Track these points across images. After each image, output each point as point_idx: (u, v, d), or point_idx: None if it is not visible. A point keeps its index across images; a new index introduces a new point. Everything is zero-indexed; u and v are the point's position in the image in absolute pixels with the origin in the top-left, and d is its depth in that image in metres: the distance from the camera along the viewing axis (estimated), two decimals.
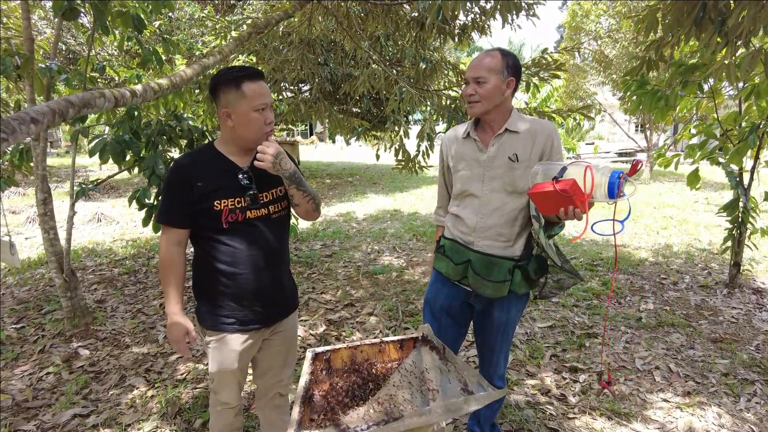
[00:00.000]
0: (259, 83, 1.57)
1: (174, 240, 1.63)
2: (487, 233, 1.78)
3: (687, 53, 4.19)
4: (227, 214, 1.59)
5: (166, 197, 1.63)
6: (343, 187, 11.90)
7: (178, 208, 1.61)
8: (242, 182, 1.61)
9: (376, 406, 1.44)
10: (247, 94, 1.54)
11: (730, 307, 3.92)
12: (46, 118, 1.32)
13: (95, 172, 13.14)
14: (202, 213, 1.60)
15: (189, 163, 1.64)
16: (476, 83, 1.70)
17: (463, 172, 1.82)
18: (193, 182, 1.58)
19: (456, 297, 1.92)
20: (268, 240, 1.69)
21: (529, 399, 2.66)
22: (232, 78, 1.54)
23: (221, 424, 1.87)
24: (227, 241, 1.62)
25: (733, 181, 3.98)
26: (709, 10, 2.40)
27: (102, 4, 2.46)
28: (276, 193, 1.72)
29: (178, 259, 1.65)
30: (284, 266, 1.81)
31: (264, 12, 7.01)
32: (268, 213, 1.69)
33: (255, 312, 1.69)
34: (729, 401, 2.63)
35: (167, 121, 3.47)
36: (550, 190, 1.43)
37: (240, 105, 1.55)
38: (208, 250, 1.66)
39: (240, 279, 1.65)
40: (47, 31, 7.74)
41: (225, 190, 1.59)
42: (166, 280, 1.64)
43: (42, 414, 2.54)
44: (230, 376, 1.74)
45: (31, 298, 4.15)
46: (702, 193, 10.20)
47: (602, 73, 13.70)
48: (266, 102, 1.57)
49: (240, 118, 1.56)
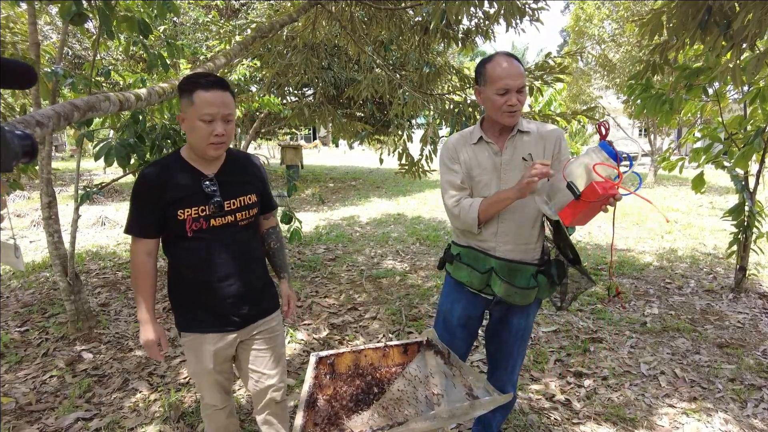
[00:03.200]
0: (214, 93, 1.53)
1: (144, 250, 1.65)
2: (509, 237, 1.75)
3: (692, 57, 4.19)
4: (191, 223, 1.60)
5: (134, 209, 1.65)
6: (347, 191, 11.91)
7: (147, 218, 1.62)
8: (206, 190, 1.61)
9: (380, 411, 1.43)
10: (195, 102, 1.52)
11: (736, 312, 3.89)
12: (52, 122, 1.32)
13: (99, 176, 13.19)
14: (167, 221, 1.61)
15: (155, 173, 1.62)
16: (519, 92, 1.65)
17: (479, 178, 1.77)
18: (160, 192, 1.58)
19: (476, 307, 1.88)
20: (234, 246, 1.70)
21: (534, 404, 2.65)
22: (188, 84, 1.55)
23: (214, 427, 1.89)
24: (193, 248, 1.64)
25: (739, 185, 3.96)
26: (714, 13, 2.39)
27: (108, 9, 2.48)
28: (244, 201, 1.71)
29: (149, 269, 1.67)
30: (255, 270, 1.80)
31: (268, 16, 7.04)
32: (235, 220, 1.69)
33: (226, 315, 1.71)
34: (736, 407, 2.61)
35: (172, 124, 3.48)
36: (586, 207, 1.42)
37: (188, 112, 1.54)
38: (177, 257, 1.69)
39: (207, 285, 1.67)
40: (53, 36, 7.79)
41: (189, 198, 1.60)
42: (138, 288, 1.67)
43: (45, 417, 2.54)
44: (207, 376, 1.76)
45: (35, 301, 4.16)
46: (707, 197, 10.16)
47: (606, 77, 13.69)
48: (213, 113, 1.53)
49: (188, 124, 1.57)
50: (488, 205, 1.68)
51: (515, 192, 1.58)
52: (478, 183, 1.77)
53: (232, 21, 8.49)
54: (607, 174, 1.41)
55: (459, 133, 1.88)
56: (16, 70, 0.72)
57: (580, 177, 1.44)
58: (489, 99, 1.69)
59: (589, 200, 1.39)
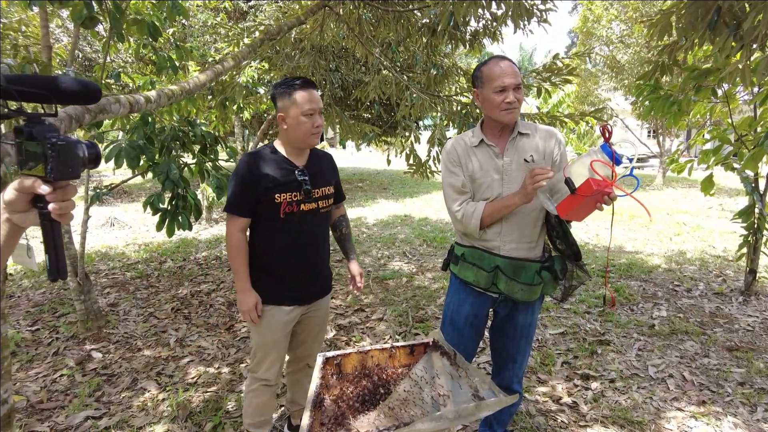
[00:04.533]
0: (310, 91, 1.81)
1: (240, 227, 1.89)
2: (513, 236, 1.78)
3: (701, 57, 4.16)
4: (285, 206, 1.86)
5: (236, 190, 1.87)
6: (353, 192, 11.93)
7: (245, 200, 1.86)
8: (299, 178, 1.87)
9: (386, 411, 1.43)
10: (297, 101, 1.79)
11: (746, 315, 3.85)
12: (64, 124, 1.34)
13: (108, 177, 13.31)
14: (264, 204, 1.84)
15: (255, 161, 1.86)
16: (516, 90, 1.69)
17: (481, 180, 1.79)
18: (258, 178, 1.82)
19: (482, 306, 1.90)
20: (315, 230, 1.97)
21: (541, 406, 2.64)
22: (286, 87, 1.81)
23: (258, 402, 2.05)
24: (283, 229, 1.89)
25: (749, 187, 3.92)
26: (723, 14, 2.37)
27: (118, 12, 2.50)
28: (326, 191, 1.97)
29: (243, 244, 1.91)
30: (325, 254, 2.07)
31: (276, 19, 7.08)
32: (318, 207, 1.94)
33: (299, 290, 1.97)
34: (745, 411, 2.59)
35: (181, 126, 3.51)
36: (580, 201, 1.47)
37: (291, 110, 1.80)
38: (266, 236, 1.92)
39: (290, 261, 1.92)
40: (64, 39, 7.87)
41: (286, 184, 1.85)
42: (237, 260, 1.90)
43: (55, 415, 2.57)
44: (273, 347, 1.99)
45: (46, 301, 4.21)
46: (716, 199, 10.07)
47: (614, 78, 13.62)
48: (314, 108, 1.81)
49: (291, 121, 1.82)
50: (493, 210, 1.72)
51: (520, 198, 1.63)
52: (480, 185, 1.79)
53: (240, 23, 8.54)
54: (605, 174, 1.46)
55: (459, 136, 1.90)
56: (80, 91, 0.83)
57: (579, 174, 1.49)
58: (487, 99, 1.73)
59: (584, 195, 1.44)
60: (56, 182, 0.73)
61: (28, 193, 0.74)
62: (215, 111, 5.00)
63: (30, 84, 0.78)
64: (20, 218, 0.76)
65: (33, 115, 0.76)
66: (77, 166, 0.76)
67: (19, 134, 0.73)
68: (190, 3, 6.17)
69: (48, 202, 0.73)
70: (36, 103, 0.91)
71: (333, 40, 4.86)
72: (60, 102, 0.83)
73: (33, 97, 0.79)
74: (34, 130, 0.73)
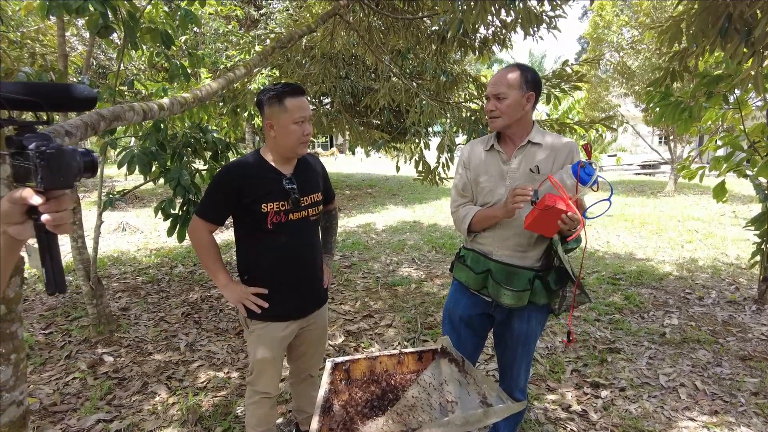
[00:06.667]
0: (300, 98, 1.73)
1: (209, 229, 1.84)
2: (506, 243, 1.80)
3: (712, 64, 4.13)
4: (272, 216, 1.78)
5: (211, 196, 1.82)
6: (363, 199, 11.95)
7: (219, 208, 1.81)
8: (286, 187, 1.80)
9: (394, 417, 1.44)
10: (288, 109, 1.71)
11: (760, 324, 3.80)
12: (80, 131, 1.37)
13: (120, 182, 13.46)
14: (250, 214, 1.77)
15: (238, 170, 1.81)
16: (497, 99, 1.74)
17: (485, 184, 1.83)
18: (241, 187, 1.75)
19: (475, 307, 1.92)
20: (305, 239, 1.89)
21: (550, 414, 2.62)
22: (276, 93, 1.72)
23: (259, 415, 2.00)
24: (271, 239, 1.81)
25: (762, 193, 3.88)
26: (734, 20, 2.36)
27: (132, 21, 2.55)
28: (314, 198, 1.90)
29: (213, 242, 1.86)
30: (318, 263, 1.99)
31: (287, 27, 7.16)
32: (307, 215, 1.87)
33: (294, 304, 1.90)
34: (759, 422, 2.55)
35: (192, 133, 3.56)
36: (536, 215, 1.53)
37: (282, 117, 1.72)
38: (254, 248, 1.86)
39: (282, 274, 1.85)
40: (79, 47, 8.02)
41: (272, 194, 1.77)
42: (209, 259, 1.85)
43: (68, 418, 2.60)
44: (270, 363, 1.91)
45: (59, 304, 4.27)
46: (729, 206, 9.94)
47: (625, 84, 13.55)
48: (305, 115, 1.74)
49: (280, 129, 1.74)
50: (481, 218, 1.79)
51: (502, 212, 1.68)
52: (483, 188, 1.83)
53: (251, 31, 8.65)
54: (570, 194, 1.54)
55: (476, 140, 1.97)
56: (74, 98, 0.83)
57: (546, 189, 1.57)
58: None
59: (539, 208, 1.50)
60: (49, 192, 0.70)
61: (22, 205, 0.70)
62: (226, 118, 5.05)
63: (20, 92, 0.76)
64: (16, 230, 0.73)
65: (24, 124, 0.73)
66: (70, 175, 0.72)
67: (10, 144, 0.71)
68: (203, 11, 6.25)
69: (42, 213, 0.70)
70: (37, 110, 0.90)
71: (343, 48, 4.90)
72: (52, 109, 0.80)
73: (23, 104, 0.76)
74: (24, 139, 0.70)
